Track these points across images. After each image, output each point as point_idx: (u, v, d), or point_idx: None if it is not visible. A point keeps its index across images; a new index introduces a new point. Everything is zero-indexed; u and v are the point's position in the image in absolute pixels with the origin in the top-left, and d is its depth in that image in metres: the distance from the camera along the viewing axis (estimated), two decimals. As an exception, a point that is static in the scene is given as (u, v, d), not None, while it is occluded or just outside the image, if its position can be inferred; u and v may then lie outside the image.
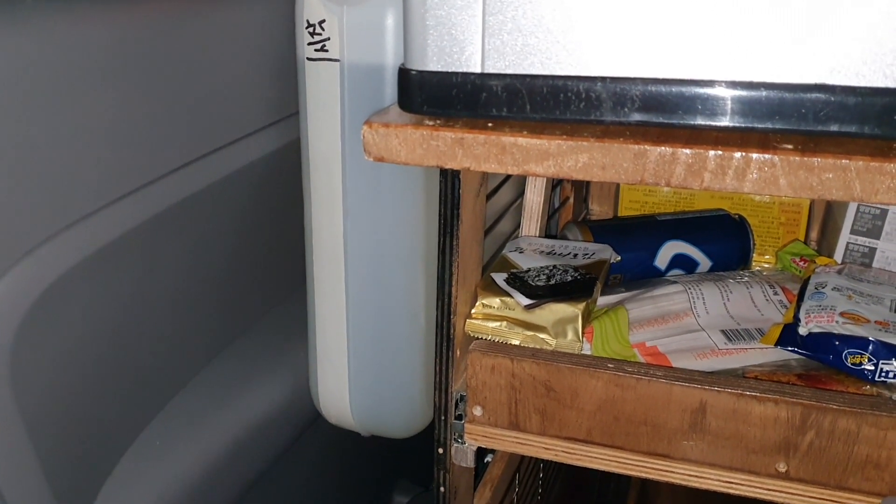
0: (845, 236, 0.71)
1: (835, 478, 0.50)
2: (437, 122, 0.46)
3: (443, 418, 0.57)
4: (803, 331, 0.55)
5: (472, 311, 0.57)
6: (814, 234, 0.81)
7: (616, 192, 0.87)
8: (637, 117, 0.43)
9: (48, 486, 0.55)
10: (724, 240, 0.76)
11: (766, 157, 0.40)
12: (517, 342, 0.56)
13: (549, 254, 0.65)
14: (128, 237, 0.59)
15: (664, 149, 0.41)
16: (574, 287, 0.60)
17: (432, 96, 0.46)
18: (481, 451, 0.62)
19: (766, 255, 0.80)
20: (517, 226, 0.71)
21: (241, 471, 0.74)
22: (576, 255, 0.66)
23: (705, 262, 0.74)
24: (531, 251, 0.65)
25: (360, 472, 0.99)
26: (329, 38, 0.62)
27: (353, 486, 0.98)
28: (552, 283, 0.60)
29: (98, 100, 0.54)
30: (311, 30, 0.63)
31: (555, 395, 0.53)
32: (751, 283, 0.65)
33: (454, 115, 0.46)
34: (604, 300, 0.64)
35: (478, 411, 0.56)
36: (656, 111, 0.42)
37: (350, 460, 0.95)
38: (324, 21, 0.62)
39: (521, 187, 0.70)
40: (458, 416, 0.57)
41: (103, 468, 0.62)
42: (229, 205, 0.71)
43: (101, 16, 0.54)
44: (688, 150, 0.41)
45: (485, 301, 0.57)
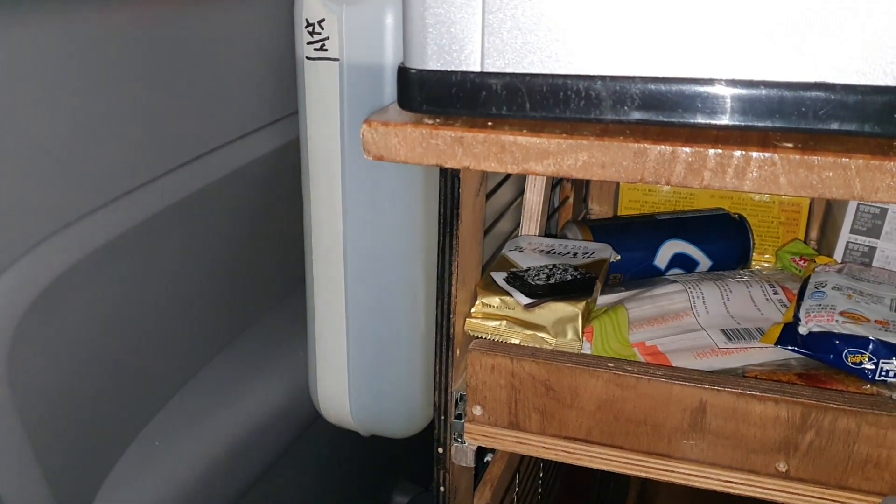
0: (845, 235, 0.71)
1: (835, 477, 0.49)
2: (437, 120, 0.46)
3: (442, 418, 0.57)
4: (803, 330, 0.55)
5: (472, 310, 0.57)
6: (814, 233, 0.81)
7: (616, 191, 0.87)
8: (637, 116, 0.42)
9: (46, 485, 0.55)
10: (723, 239, 0.76)
11: (766, 155, 0.40)
12: (517, 341, 0.56)
13: (548, 253, 0.65)
14: (127, 236, 0.59)
15: (664, 147, 0.41)
16: (574, 286, 0.59)
17: (432, 95, 0.45)
18: (481, 451, 0.62)
19: (766, 255, 0.80)
20: (517, 225, 0.71)
21: (241, 471, 0.74)
22: (575, 255, 0.66)
23: (705, 262, 0.74)
24: (531, 250, 0.65)
25: (360, 472, 0.98)
26: (328, 38, 0.62)
27: (353, 486, 0.98)
28: (552, 282, 0.60)
29: (98, 98, 0.54)
30: (310, 29, 0.62)
31: (554, 394, 0.53)
32: (751, 283, 0.65)
33: (454, 113, 0.46)
34: (603, 299, 0.64)
35: (477, 411, 0.56)
36: (656, 110, 0.42)
37: (350, 460, 0.95)
38: (323, 20, 0.62)
39: (520, 186, 0.70)
40: (458, 416, 0.57)
41: (102, 468, 0.62)
42: (229, 204, 0.71)
43: (101, 15, 0.54)
44: (688, 149, 0.41)
45: (484, 300, 0.57)
